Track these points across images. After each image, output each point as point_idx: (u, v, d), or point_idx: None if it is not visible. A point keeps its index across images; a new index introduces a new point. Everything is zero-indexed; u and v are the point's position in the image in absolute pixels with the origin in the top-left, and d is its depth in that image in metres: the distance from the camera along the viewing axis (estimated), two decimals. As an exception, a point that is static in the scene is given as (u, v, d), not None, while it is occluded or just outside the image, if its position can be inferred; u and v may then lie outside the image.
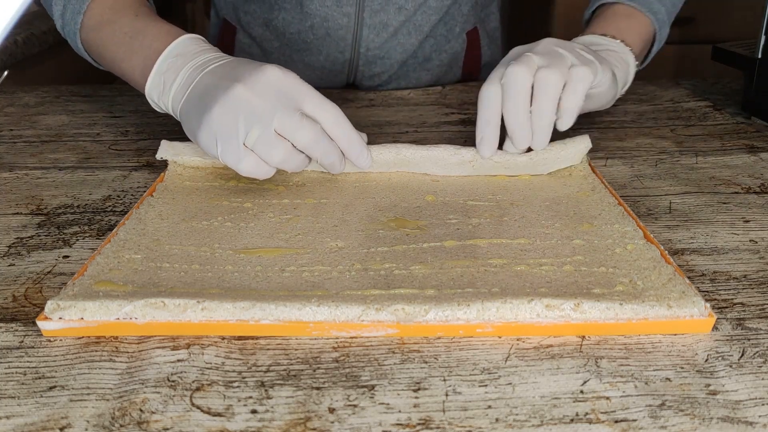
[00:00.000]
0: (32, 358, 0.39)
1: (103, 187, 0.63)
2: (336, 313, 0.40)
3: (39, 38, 1.27)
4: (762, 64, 0.76)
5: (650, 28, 0.74)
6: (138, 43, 0.62)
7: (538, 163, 0.59)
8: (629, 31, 0.71)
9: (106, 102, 0.90)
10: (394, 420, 0.34)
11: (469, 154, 0.59)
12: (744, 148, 0.70)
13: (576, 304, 0.40)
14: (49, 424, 0.34)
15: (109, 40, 0.64)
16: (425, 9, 0.91)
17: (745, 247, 0.51)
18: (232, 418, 0.34)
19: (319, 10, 0.88)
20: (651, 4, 0.74)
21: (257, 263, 0.46)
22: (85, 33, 0.67)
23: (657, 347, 0.39)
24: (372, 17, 0.89)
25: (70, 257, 0.50)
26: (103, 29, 0.65)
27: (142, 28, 0.63)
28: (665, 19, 0.75)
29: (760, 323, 0.42)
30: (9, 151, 0.72)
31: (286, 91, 0.53)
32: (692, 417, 0.34)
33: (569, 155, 0.60)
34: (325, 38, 0.90)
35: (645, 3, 0.73)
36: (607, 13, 0.73)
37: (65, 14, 0.67)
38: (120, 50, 0.63)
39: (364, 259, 0.46)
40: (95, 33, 0.66)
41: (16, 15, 0.26)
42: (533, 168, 0.60)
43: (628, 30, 0.71)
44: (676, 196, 0.60)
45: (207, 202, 0.56)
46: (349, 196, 0.57)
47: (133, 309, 0.40)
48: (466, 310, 0.40)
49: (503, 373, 0.37)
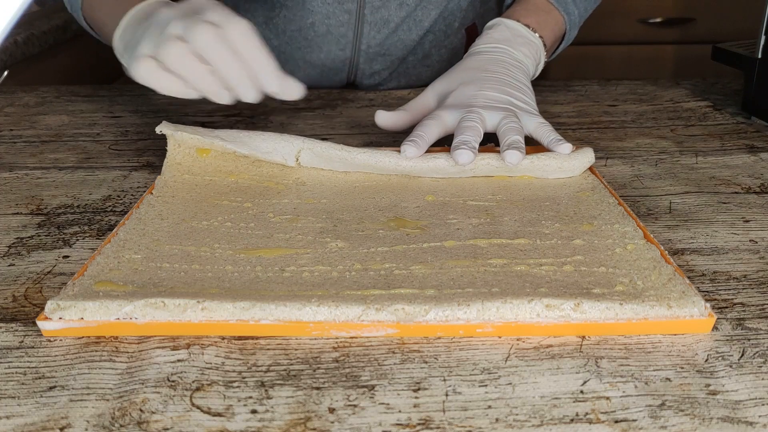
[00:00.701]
0: (32, 358, 0.39)
1: (103, 187, 0.63)
2: (336, 313, 0.40)
3: (39, 38, 1.27)
4: (762, 64, 0.76)
5: (563, 27, 0.77)
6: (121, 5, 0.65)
7: (538, 167, 0.59)
8: (546, 27, 0.74)
9: (106, 102, 0.90)
10: (394, 420, 0.34)
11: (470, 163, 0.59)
12: (744, 148, 0.70)
13: (576, 304, 0.40)
14: (49, 424, 0.34)
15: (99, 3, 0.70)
16: (425, 4, 0.91)
17: (745, 247, 0.51)
18: (232, 418, 0.34)
19: (320, 7, 0.88)
20: (567, 5, 0.77)
21: (257, 263, 0.46)
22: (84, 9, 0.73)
23: (657, 347, 0.39)
24: (373, 14, 0.89)
25: (70, 257, 0.50)
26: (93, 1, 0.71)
27: None
28: (576, 22, 0.78)
29: (760, 323, 0.42)
30: (9, 151, 0.72)
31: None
32: (692, 417, 0.34)
33: (571, 167, 0.59)
34: (326, 35, 0.90)
35: (562, 2, 0.76)
36: (529, 4, 0.76)
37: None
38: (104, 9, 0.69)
39: (364, 259, 0.46)
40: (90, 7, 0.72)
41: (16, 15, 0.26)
42: (533, 172, 0.59)
43: (545, 25, 0.75)
44: (676, 196, 0.60)
45: (207, 201, 0.56)
46: (350, 196, 0.57)
47: (133, 309, 0.40)
48: (466, 310, 0.40)
49: (503, 373, 0.37)
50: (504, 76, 0.67)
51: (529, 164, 0.59)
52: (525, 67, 0.70)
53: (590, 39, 1.82)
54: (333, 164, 0.60)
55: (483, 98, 0.63)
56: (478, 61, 0.69)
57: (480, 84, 0.65)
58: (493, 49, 0.70)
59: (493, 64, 0.68)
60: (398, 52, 0.94)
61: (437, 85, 0.68)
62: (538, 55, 0.73)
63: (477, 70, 0.68)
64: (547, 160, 0.59)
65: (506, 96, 0.64)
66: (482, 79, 0.66)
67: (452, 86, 0.67)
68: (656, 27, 1.81)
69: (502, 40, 0.71)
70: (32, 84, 1.10)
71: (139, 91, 0.94)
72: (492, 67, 0.68)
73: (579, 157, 0.59)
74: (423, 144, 0.59)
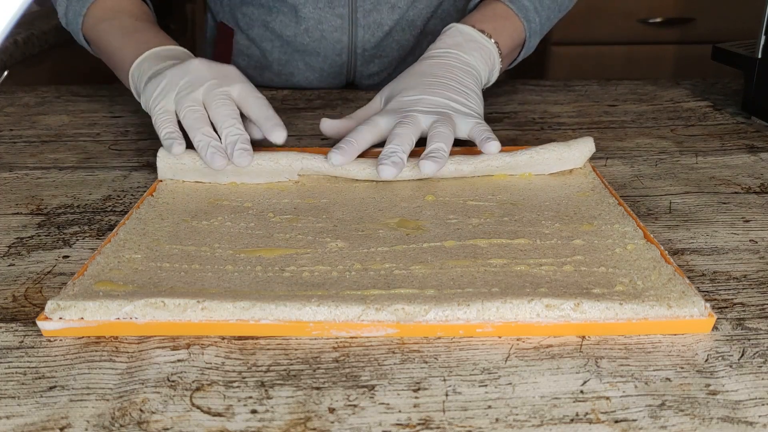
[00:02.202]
0: (32, 358, 0.39)
1: (103, 187, 0.63)
2: (336, 313, 0.40)
3: (39, 38, 1.27)
4: (762, 64, 0.76)
5: (522, 34, 0.76)
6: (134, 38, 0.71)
7: (538, 161, 0.59)
8: (503, 33, 0.74)
9: (106, 102, 0.90)
10: (394, 420, 0.34)
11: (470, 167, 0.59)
12: (744, 148, 0.70)
13: (576, 304, 0.40)
14: (49, 424, 0.34)
15: (107, 33, 0.74)
16: (416, 5, 0.91)
17: (745, 247, 0.51)
18: (232, 418, 0.34)
19: (312, 13, 0.89)
20: (527, 12, 0.76)
21: (257, 263, 0.46)
22: (85, 30, 0.76)
23: (657, 347, 0.39)
24: (365, 17, 0.89)
25: (70, 257, 0.50)
26: (102, 24, 0.74)
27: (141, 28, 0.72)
28: (537, 30, 0.77)
29: (760, 323, 0.42)
30: (9, 151, 0.72)
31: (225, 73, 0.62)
32: (692, 417, 0.34)
33: (572, 157, 0.59)
34: (321, 40, 0.91)
35: (522, 9, 0.75)
36: (487, 10, 0.75)
37: (68, 14, 0.77)
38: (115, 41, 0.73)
39: (364, 259, 0.46)
40: (93, 28, 0.75)
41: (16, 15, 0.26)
42: (533, 167, 0.59)
43: (502, 31, 0.74)
44: (676, 196, 0.60)
45: (207, 202, 0.56)
46: (350, 196, 0.57)
47: (133, 309, 0.40)
48: (466, 310, 0.40)
49: (503, 373, 0.37)
50: (448, 80, 0.66)
51: (529, 159, 0.59)
52: (476, 72, 0.69)
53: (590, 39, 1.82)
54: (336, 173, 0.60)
55: (423, 104, 0.63)
56: (425, 66, 0.69)
57: (422, 89, 0.65)
58: (444, 53, 0.70)
59: (439, 69, 0.68)
60: (395, 54, 0.94)
61: (384, 91, 0.69)
62: (491, 60, 0.72)
63: (422, 75, 0.67)
64: (546, 153, 0.59)
65: (446, 100, 0.64)
66: (425, 84, 0.66)
67: (396, 91, 0.67)
68: (656, 27, 1.81)
69: (453, 45, 0.71)
70: (32, 84, 1.10)
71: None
72: (438, 71, 0.67)
73: (578, 146, 0.59)
74: (351, 151, 0.58)
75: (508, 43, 0.74)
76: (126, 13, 0.75)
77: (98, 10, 0.75)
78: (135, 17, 0.75)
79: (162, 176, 0.59)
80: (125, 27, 0.73)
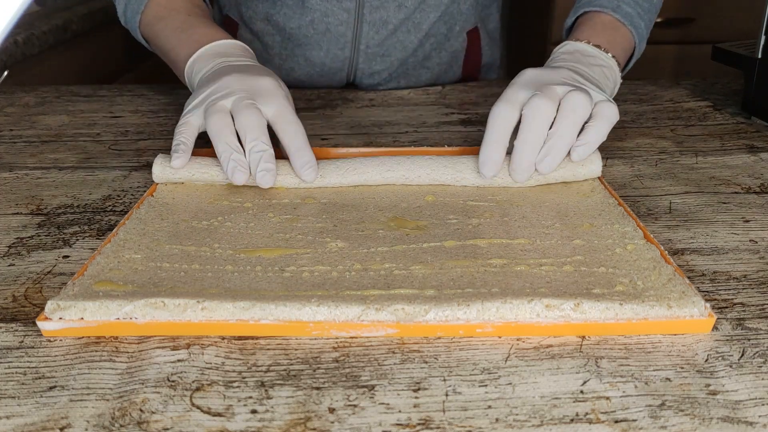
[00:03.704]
0: (32, 358, 0.39)
1: (103, 187, 0.63)
2: (336, 313, 0.40)
3: (39, 38, 1.27)
4: (762, 64, 0.76)
5: (632, 42, 0.73)
6: (186, 36, 0.72)
7: (541, 180, 0.58)
8: (615, 45, 0.70)
9: (106, 102, 0.90)
10: (394, 420, 0.34)
11: (472, 178, 0.58)
12: (744, 148, 0.70)
13: (576, 304, 0.40)
14: (49, 424, 0.34)
15: (162, 32, 0.76)
16: (424, 6, 0.91)
17: (745, 247, 0.51)
18: (232, 418, 0.34)
19: (319, 5, 0.88)
20: (633, 18, 0.73)
21: (257, 263, 0.46)
22: (143, 27, 0.79)
23: (657, 347, 0.39)
24: (372, 13, 0.89)
25: (70, 257, 0.50)
26: (157, 24, 0.76)
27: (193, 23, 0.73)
28: (644, 34, 0.75)
29: (760, 323, 0.42)
30: (9, 151, 0.72)
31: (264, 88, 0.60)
32: (692, 417, 0.34)
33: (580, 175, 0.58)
34: (325, 34, 0.90)
35: (627, 16, 0.72)
36: (595, 23, 0.72)
37: (126, 13, 0.79)
38: (168, 42, 0.74)
39: (364, 259, 0.46)
40: (150, 27, 0.78)
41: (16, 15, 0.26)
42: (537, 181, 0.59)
43: (615, 43, 0.70)
44: (676, 196, 0.60)
45: (207, 202, 0.56)
46: (349, 196, 0.57)
47: (133, 309, 0.40)
48: (466, 310, 0.40)
49: (503, 373, 0.37)
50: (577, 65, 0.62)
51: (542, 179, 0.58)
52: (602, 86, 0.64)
53: (590, 39, 1.82)
54: None
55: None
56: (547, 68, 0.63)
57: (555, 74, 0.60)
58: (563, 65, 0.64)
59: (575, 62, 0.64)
60: (398, 54, 0.94)
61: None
62: (613, 76, 0.67)
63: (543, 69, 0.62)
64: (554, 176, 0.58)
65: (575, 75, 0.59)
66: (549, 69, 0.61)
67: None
68: (656, 27, 1.80)
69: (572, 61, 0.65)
70: (32, 84, 1.10)
71: (139, 91, 0.94)
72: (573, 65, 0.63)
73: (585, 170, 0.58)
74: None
75: (622, 55, 0.71)
76: (180, 10, 0.76)
77: (154, 7, 0.77)
78: (188, 13, 0.76)
79: (156, 180, 0.59)
80: (177, 26, 0.74)
